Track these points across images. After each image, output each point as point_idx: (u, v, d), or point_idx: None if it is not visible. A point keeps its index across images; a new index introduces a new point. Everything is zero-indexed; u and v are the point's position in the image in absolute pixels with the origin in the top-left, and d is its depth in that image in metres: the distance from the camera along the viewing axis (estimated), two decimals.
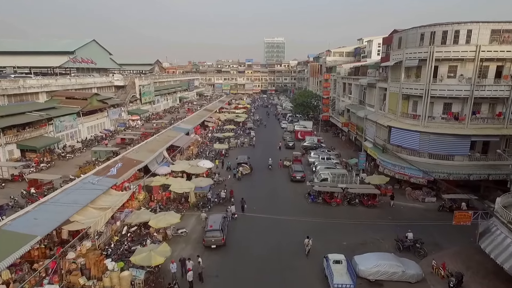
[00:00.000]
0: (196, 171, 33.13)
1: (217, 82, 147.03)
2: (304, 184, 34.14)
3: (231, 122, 68.69)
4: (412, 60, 29.90)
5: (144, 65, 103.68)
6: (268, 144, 52.50)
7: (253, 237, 23.26)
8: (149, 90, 61.69)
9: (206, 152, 45.01)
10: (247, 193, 31.50)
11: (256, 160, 42.38)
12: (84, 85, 48.94)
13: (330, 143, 52.28)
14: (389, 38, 35.81)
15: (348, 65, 58.21)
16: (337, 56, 71.78)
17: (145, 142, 37.98)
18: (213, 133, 57.32)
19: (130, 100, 56.49)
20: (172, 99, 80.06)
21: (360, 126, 42.03)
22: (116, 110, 49.71)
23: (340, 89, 57.32)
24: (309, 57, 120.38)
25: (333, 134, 59.35)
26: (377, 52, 59.57)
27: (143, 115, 58.87)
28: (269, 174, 37.77)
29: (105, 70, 75.80)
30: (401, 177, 30.53)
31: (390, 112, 34.68)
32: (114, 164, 29.35)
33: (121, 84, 57.92)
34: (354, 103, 48.36)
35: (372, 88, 40.58)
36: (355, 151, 47.13)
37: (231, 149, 48.96)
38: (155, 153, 35.16)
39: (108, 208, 22.15)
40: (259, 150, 48.83)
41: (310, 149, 46.54)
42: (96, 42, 70.01)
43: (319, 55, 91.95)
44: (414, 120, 30.48)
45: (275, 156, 43.34)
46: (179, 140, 42.79)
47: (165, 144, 38.98)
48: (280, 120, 74.53)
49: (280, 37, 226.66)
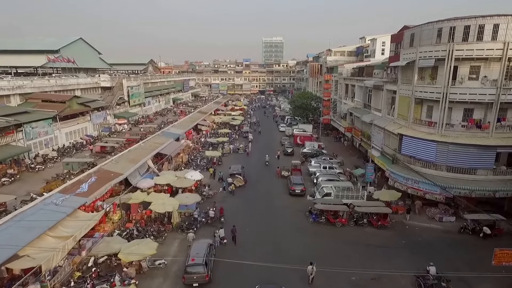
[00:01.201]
0: (183, 185, 29.44)
1: (213, 82, 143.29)
2: (304, 198, 30.49)
3: (226, 125, 65.00)
4: (427, 59, 26.26)
5: (137, 64, 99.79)
6: (265, 150, 48.75)
7: (246, 268, 19.43)
8: (138, 92, 57.87)
9: (197, 159, 41.28)
10: (239, 210, 27.82)
11: (251, 168, 38.71)
12: (65, 86, 45.12)
13: (331, 149, 48.61)
14: (398, 36, 32.18)
15: (350, 65, 54.56)
16: (338, 56, 68.28)
17: (128, 151, 34.20)
18: (207, 138, 53.59)
19: (117, 102, 52.68)
20: (165, 101, 76.28)
21: (366, 132, 38.38)
22: (100, 113, 45.89)
23: (342, 91, 53.70)
24: (308, 56, 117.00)
25: (335, 138, 55.71)
26: (381, 51, 56.16)
27: (132, 118, 55.06)
28: (265, 185, 34.05)
29: (94, 70, 71.91)
30: (415, 192, 26.89)
31: (400, 118, 31.05)
32: (87, 178, 25.59)
33: (108, 85, 54.12)
34: (358, 106, 44.73)
35: (378, 91, 36.94)
36: (359, 159, 43.59)
37: (225, 156, 45.28)
38: (138, 163, 31.42)
39: (70, 237, 18.42)
40: (255, 156, 45.14)
41: (310, 157, 42.88)
42: (84, 40, 66.12)
43: (319, 54, 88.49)
44: (430, 127, 26.83)
45: (273, 164, 39.80)
46: (167, 147, 39.03)
47: (150, 152, 35.25)
48: (278, 122, 70.83)
49: (278, 36, 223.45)
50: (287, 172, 35.88)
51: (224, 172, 35.63)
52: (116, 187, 28.92)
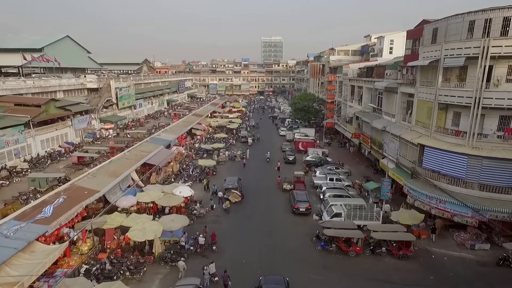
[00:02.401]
0: (170, 203, 25.46)
1: (211, 82, 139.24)
2: (309, 218, 26.56)
3: (223, 129, 60.99)
4: (455, 58, 22.35)
5: (130, 64, 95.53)
6: (264, 158, 44.84)
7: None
8: (128, 93, 53.81)
9: (190, 169, 37.26)
10: (235, 234, 23.85)
11: (249, 178, 34.76)
12: (45, 88, 41.07)
13: (336, 156, 44.69)
14: (417, 31, 28.28)
15: (356, 64, 50.68)
16: (341, 55, 64.41)
17: (110, 161, 30.17)
18: (201, 143, 49.58)
19: (104, 105, 48.64)
20: (158, 103, 72.23)
21: (377, 139, 34.46)
22: (83, 117, 41.83)
23: (347, 93, 49.81)
24: (308, 56, 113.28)
25: (339, 144, 51.80)
26: (389, 50, 52.36)
27: (120, 122, 50.99)
28: (265, 200, 30.09)
29: (83, 70, 67.78)
30: (440, 213, 22.99)
31: (418, 125, 27.18)
32: (54, 199, 21.56)
33: (95, 86, 50.06)
34: (366, 109, 40.83)
35: (391, 93, 33.06)
36: (367, 168, 39.72)
37: (221, 164, 41.31)
38: (119, 176, 27.41)
39: (17, 283, 14.43)
40: (253, 164, 41.16)
41: (314, 166, 38.95)
42: (71, 38, 61.95)
43: (320, 54, 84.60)
44: (457, 138, 22.91)
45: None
46: (156, 156, 35.02)
47: (135, 163, 31.26)
48: (278, 126, 66.81)
49: (277, 36, 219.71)
50: (289, 185, 31.94)
51: (219, 184, 31.70)
52: (93, 204, 25.03)
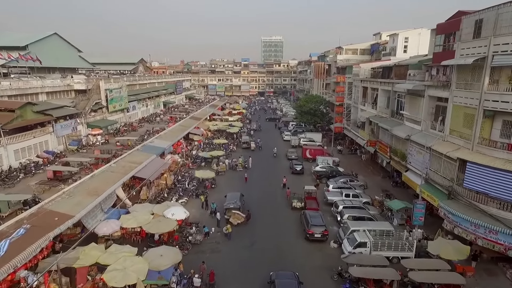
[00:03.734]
0: (160, 229, 21.25)
1: (210, 83, 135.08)
2: (326, 245, 22.38)
3: (222, 133, 56.82)
4: (509, 56, 18.22)
5: (126, 64, 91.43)
6: (268, 169, 40.69)
7: None
8: (119, 95, 49.54)
9: (185, 182, 33.02)
10: (237, 269, 19.63)
11: (253, 193, 30.54)
12: (25, 90, 36.81)
13: (347, 165, 40.55)
14: (452, 24, 24.11)
15: (368, 64, 46.55)
16: (349, 54, 60.26)
17: (90, 177, 25.93)
18: (199, 150, 45.38)
19: (93, 108, 44.37)
20: (154, 105, 67.96)
21: (399, 150, 30.25)
22: (68, 123, 37.53)
23: (358, 95, 45.70)
24: (311, 56, 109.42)
25: (349, 150, 47.64)
26: (404, 48, 48.22)
27: (111, 127, 46.72)
28: (272, 221, 25.86)
29: (73, 70, 63.59)
30: (488, 244, 18.82)
31: (454, 135, 23.03)
32: (14, 230, 17.34)
33: (83, 87, 45.80)
34: (382, 114, 36.70)
35: (416, 97, 28.91)
36: (384, 179, 35.64)
37: (220, 174, 37.14)
38: (101, 195, 23.19)
39: None
40: (256, 174, 36.97)
41: (325, 177, 34.80)
42: (59, 36, 57.76)
43: (324, 53, 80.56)
44: (510, 153, 18.75)
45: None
46: (146, 168, 30.84)
47: (122, 177, 27.04)
48: (282, 129, 62.58)
49: (278, 35, 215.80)
50: (300, 202, 27.74)
51: (218, 201, 27.57)
52: (69, 230, 20.87)
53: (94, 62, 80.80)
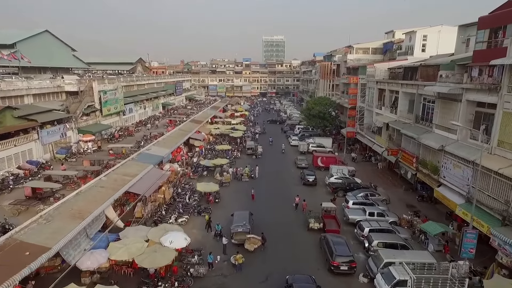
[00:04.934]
0: (155, 263, 17.62)
1: (211, 83, 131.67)
2: (354, 279, 18.78)
3: (225, 137, 53.21)
4: None
5: (123, 64, 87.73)
6: (276, 182, 37.09)
7: None
8: (114, 97, 45.90)
9: (186, 196, 29.40)
10: None
11: (262, 210, 26.87)
12: (7, 92, 33.12)
13: (363, 174, 36.99)
14: (502, 16, 20.49)
15: (384, 64, 43.02)
16: (360, 54, 56.70)
17: (76, 194, 22.30)
18: (200, 157, 41.79)
19: (85, 112, 40.75)
20: (152, 107, 64.35)
21: (429, 161, 26.62)
22: (55, 128, 33.91)
23: (373, 98, 42.14)
24: (315, 56, 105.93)
25: (363, 157, 44.03)
26: (422, 47, 44.68)
27: (105, 132, 43.10)
28: (287, 247, 22.22)
29: (66, 70, 59.92)
30: None
31: (504, 147, 19.46)
32: None
33: (75, 89, 42.15)
34: (404, 119, 33.12)
35: (450, 102, 25.30)
36: (407, 192, 32.10)
37: (225, 185, 33.53)
38: (86, 218, 19.56)
39: None
40: (263, 187, 33.35)
41: (342, 189, 31.20)
42: (51, 33, 54.08)
43: (331, 53, 76.94)
44: None
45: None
46: (142, 181, 27.23)
47: (113, 194, 23.40)
48: (288, 133, 58.94)
49: (279, 35, 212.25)
50: (318, 223, 24.11)
51: (224, 219, 24.03)
52: (47, 262, 17.25)
53: (90, 62, 77.25)
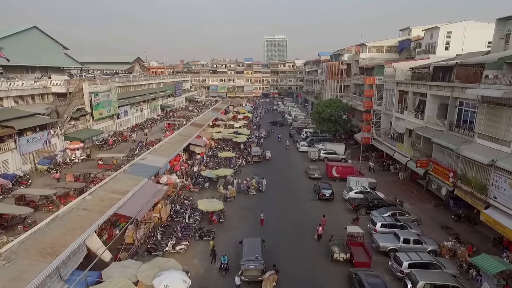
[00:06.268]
0: None
1: (212, 84, 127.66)
2: None
3: (228, 143, 49.24)
4: None
5: (120, 63, 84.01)
6: (286, 186, 33.12)
7: None
8: (107, 100, 41.84)
9: (185, 215, 25.38)
10: None
11: (274, 231, 22.80)
12: None
13: (383, 186, 33.02)
14: None
15: (404, 64, 39.11)
16: (373, 52, 52.65)
17: (50, 221, 18.27)
18: (201, 165, 37.82)
19: (73, 116, 36.74)
20: (150, 109, 60.35)
21: (474, 178, 22.55)
22: (37, 135, 29.90)
23: (393, 100, 38.16)
24: (320, 55, 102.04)
25: (381, 166, 39.99)
26: (445, 45, 40.69)
27: (96, 138, 39.09)
28: (311, 286, 18.26)
29: (58, 70, 55.96)
30: None
31: None
32: None
33: (63, 90, 38.14)
34: (433, 126, 29.11)
35: (498, 107, 21.30)
36: (438, 209, 28.09)
37: (229, 201, 29.53)
38: (60, 255, 15.54)
39: None
40: (273, 203, 29.32)
41: (364, 207, 27.18)
42: (40, 30, 50.05)
43: (339, 52, 72.98)
44: None
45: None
46: (134, 199, 23.23)
47: (97, 218, 19.37)
48: (295, 138, 54.88)
49: (281, 34, 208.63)
50: (344, 253, 20.07)
51: (230, 244, 20.09)
52: None
53: (85, 61, 73.37)
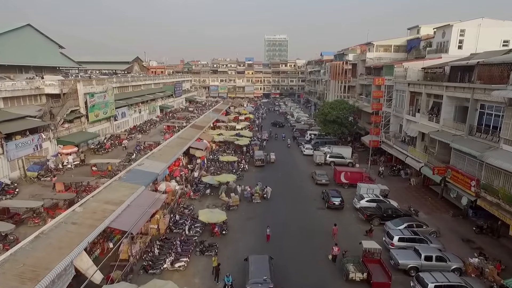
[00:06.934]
0: None
1: (212, 84, 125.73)
2: None
3: (230, 145, 47.36)
4: None
5: (119, 63, 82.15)
6: (293, 194, 31.25)
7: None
8: (103, 101, 39.92)
9: (185, 227, 23.48)
10: None
11: (281, 246, 20.87)
12: None
13: (395, 193, 31.10)
14: None
15: (415, 63, 37.26)
16: (381, 52, 50.75)
17: (34, 238, 16.36)
18: (202, 170, 35.95)
19: (67, 118, 34.86)
20: (149, 110, 58.45)
21: (502, 189, 20.58)
22: (27, 140, 28.00)
23: (403, 102, 36.29)
24: (322, 55, 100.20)
25: (390, 171, 38.06)
26: (458, 43, 38.82)
27: (92, 141, 37.19)
28: None
29: (53, 70, 54.06)
30: None
31: None
32: None
33: (57, 91, 36.23)
34: (450, 129, 27.20)
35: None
36: (456, 219, 26.31)
37: (232, 209, 27.64)
38: (43, 280, 13.60)
39: None
40: (280, 214, 27.42)
41: (377, 217, 25.26)
42: (34, 28, 48.11)
43: (343, 51, 71.07)
44: None
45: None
46: (129, 210, 21.33)
47: (88, 233, 17.46)
48: (299, 140, 52.94)
49: (282, 34, 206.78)
50: (360, 272, 18.16)
51: (233, 260, 18.21)
52: None
53: (83, 61, 71.52)
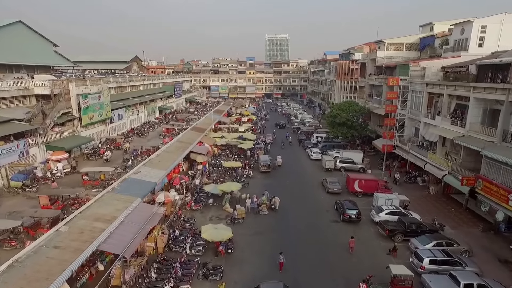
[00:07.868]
0: None
1: (213, 84, 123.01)
2: None
3: (233, 149, 44.73)
4: None
5: (117, 62, 79.63)
6: (303, 208, 28.68)
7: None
8: (98, 102, 37.24)
9: (186, 244, 20.88)
10: None
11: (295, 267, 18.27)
12: None
13: (414, 204, 28.53)
14: None
15: (434, 62, 34.68)
16: (392, 50, 48.14)
17: (8, 268, 13.73)
18: (204, 177, 33.36)
19: (58, 121, 32.22)
20: (148, 111, 55.81)
21: None
22: (11, 146, 25.35)
23: (420, 104, 33.72)
24: (326, 54, 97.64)
25: (406, 178, 35.45)
26: (479, 41, 36.26)
27: (86, 146, 34.54)
28: None
29: (47, 69, 51.43)
30: None
31: None
32: None
33: (48, 92, 33.59)
34: (482, 135, 24.59)
35: None
36: (487, 234, 23.67)
37: (238, 222, 25.06)
38: None
39: None
40: (289, 226, 24.81)
41: (400, 233, 22.64)
42: (25, 25, 45.44)
43: (349, 50, 68.41)
44: None
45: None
46: (121, 229, 18.68)
47: (73, 259, 14.82)
48: (305, 143, 50.29)
49: (283, 33, 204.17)
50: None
51: None
52: None
53: (80, 60, 69.06)
